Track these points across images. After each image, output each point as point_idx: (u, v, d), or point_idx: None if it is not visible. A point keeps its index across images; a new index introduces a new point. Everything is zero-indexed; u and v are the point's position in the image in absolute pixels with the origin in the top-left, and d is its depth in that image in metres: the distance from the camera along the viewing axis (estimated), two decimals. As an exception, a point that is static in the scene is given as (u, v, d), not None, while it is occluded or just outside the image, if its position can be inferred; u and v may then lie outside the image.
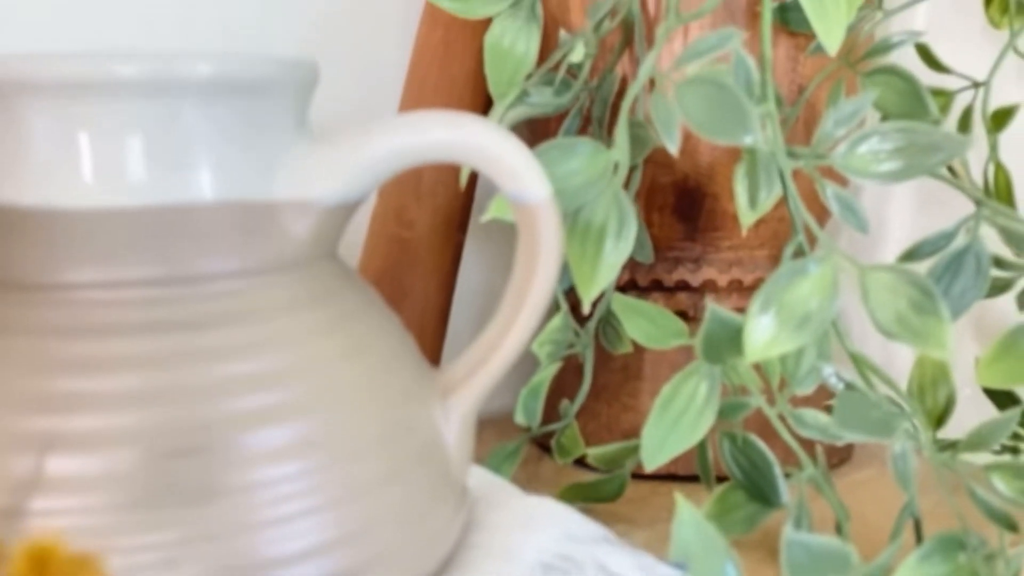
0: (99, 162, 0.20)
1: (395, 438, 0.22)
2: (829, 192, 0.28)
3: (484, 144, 0.23)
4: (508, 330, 0.24)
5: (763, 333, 0.27)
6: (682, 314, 0.37)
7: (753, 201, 0.27)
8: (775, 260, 0.37)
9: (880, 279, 0.27)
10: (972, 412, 0.33)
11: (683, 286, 0.37)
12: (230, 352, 0.20)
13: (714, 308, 0.27)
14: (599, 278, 0.27)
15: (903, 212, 0.41)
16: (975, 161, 0.33)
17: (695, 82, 0.27)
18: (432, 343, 0.37)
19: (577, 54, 0.29)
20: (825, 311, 0.27)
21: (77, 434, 0.19)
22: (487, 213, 0.27)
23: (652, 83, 0.29)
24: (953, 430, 0.32)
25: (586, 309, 0.27)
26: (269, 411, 0.20)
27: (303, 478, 0.20)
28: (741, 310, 0.37)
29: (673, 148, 0.27)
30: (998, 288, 0.35)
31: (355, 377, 0.21)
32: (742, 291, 0.37)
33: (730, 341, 0.28)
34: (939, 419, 0.38)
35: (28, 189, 0.20)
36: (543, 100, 0.29)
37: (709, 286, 0.37)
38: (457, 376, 0.24)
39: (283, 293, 0.21)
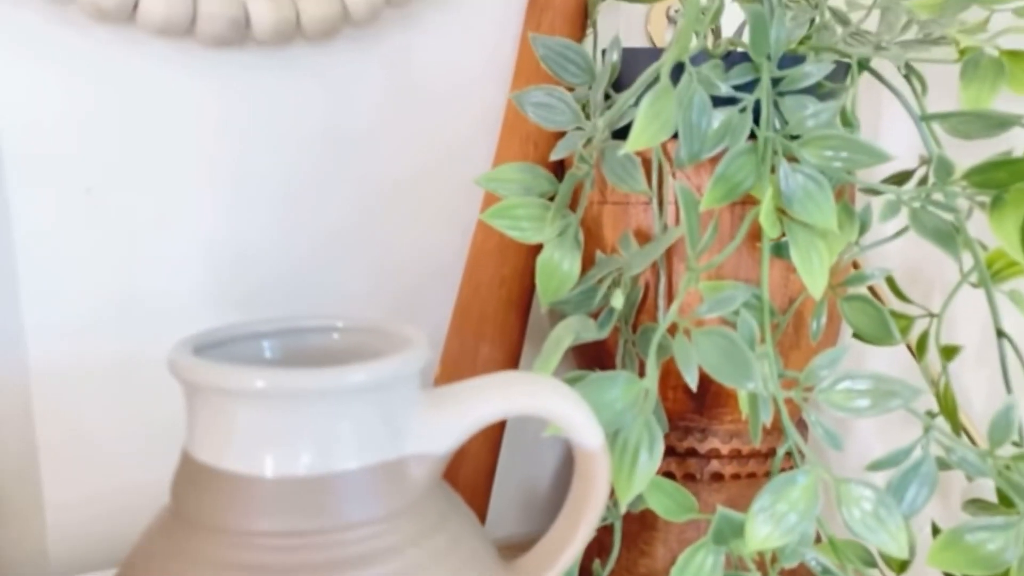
0: (279, 445, 0.27)
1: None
2: (812, 418, 0.35)
3: (556, 407, 0.30)
4: (566, 544, 0.31)
5: (761, 530, 0.34)
6: (690, 476, 0.44)
7: (755, 426, 0.35)
8: (768, 433, 0.44)
9: (850, 489, 0.34)
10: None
11: (692, 452, 0.44)
12: (375, 584, 0.27)
13: (723, 509, 0.35)
14: (635, 486, 0.34)
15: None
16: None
17: (709, 333, 0.34)
18: (482, 496, 0.44)
19: (617, 301, 0.37)
20: (809, 514, 0.34)
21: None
22: (546, 431, 0.35)
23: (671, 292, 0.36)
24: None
25: (623, 510, 0.35)
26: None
27: None
28: (738, 475, 0.45)
29: (692, 383, 0.35)
30: (947, 466, 0.42)
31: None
32: (740, 458, 0.44)
33: (733, 531, 0.35)
34: (902, 566, 0.45)
35: (232, 459, 0.27)
36: (590, 334, 0.37)
37: (713, 453, 0.44)
38: (527, 574, 0.32)
39: (410, 528, 0.29)
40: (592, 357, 0.44)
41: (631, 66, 0.42)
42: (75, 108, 0.41)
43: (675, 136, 0.37)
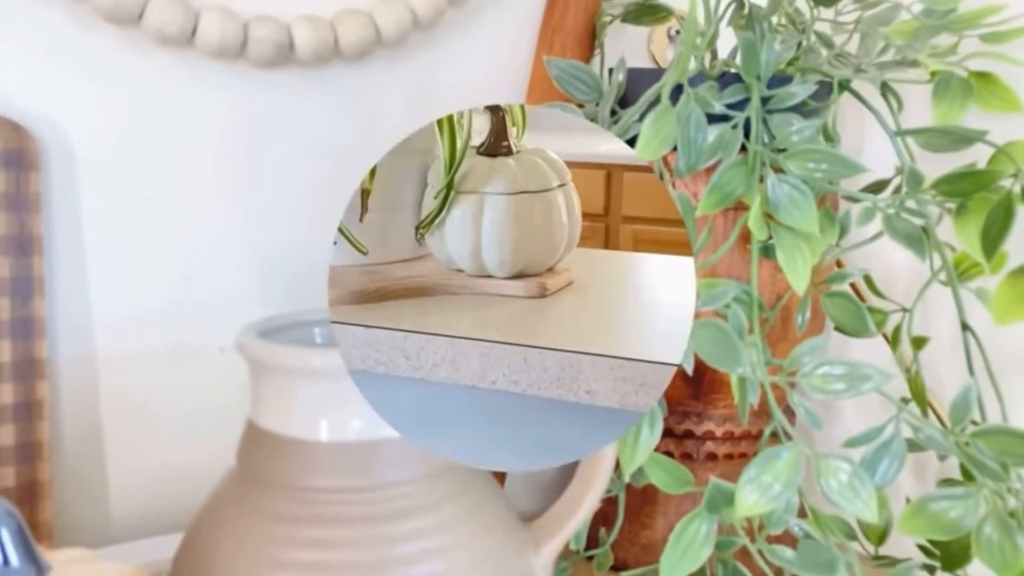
0: (332, 414, 0.32)
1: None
2: (795, 400, 0.40)
3: (569, 386, 0.35)
4: (578, 507, 0.36)
5: (749, 497, 0.39)
6: (688, 455, 0.49)
7: (743, 407, 0.39)
8: (758, 417, 0.49)
9: (828, 463, 0.39)
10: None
11: (689, 434, 0.49)
12: (412, 535, 0.32)
13: (715, 480, 0.39)
14: (637, 457, 0.39)
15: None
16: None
17: (704, 324, 0.39)
18: (499, 473, 0.49)
19: (622, 296, 0.41)
20: (792, 484, 0.39)
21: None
22: (560, 410, 0.39)
23: (673, 313, 0.41)
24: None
25: (627, 479, 0.39)
26: (439, 576, 0.31)
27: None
28: (731, 455, 0.49)
29: (689, 368, 0.39)
30: (918, 447, 0.47)
31: (493, 545, 0.33)
32: (733, 440, 0.49)
33: (725, 500, 0.40)
34: (880, 537, 0.50)
35: (293, 426, 0.32)
36: (598, 325, 0.41)
37: (708, 435, 0.49)
38: (543, 533, 0.36)
39: (444, 488, 0.33)
40: (599, 348, 0.48)
41: (635, 85, 0.46)
42: (138, 123, 0.46)
43: (674, 149, 0.42)
